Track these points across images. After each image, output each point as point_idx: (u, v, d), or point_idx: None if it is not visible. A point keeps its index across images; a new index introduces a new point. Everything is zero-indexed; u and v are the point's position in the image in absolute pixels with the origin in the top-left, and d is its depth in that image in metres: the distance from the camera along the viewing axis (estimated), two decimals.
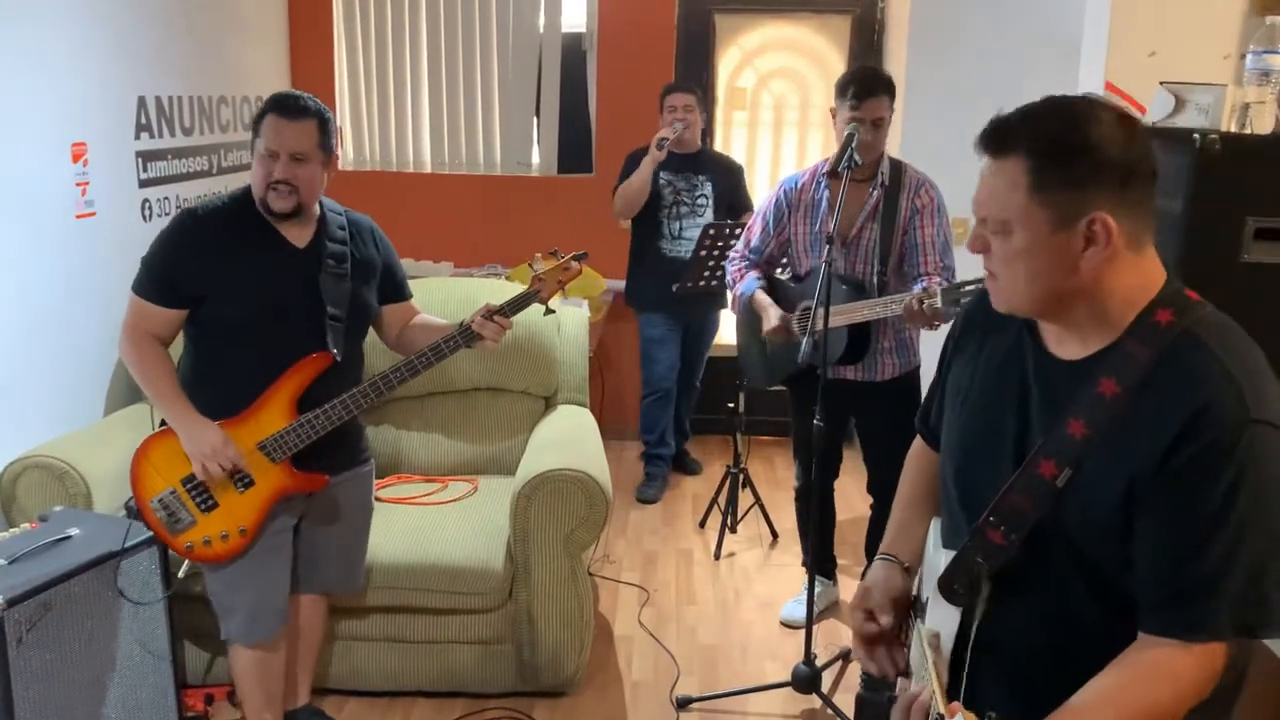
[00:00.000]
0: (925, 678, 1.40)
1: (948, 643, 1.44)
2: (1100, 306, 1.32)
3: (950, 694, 1.40)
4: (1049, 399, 1.37)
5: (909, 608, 1.61)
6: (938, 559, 1.52)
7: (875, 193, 3.18)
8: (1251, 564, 1.23)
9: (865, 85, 3.09)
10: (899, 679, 1.60)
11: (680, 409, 4.89)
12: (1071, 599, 1.36)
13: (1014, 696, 1.41)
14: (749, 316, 3.47)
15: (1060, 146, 1.26)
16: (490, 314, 2.58)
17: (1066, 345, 1.37)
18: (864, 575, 1.63)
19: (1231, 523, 1.22)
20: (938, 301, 2.81)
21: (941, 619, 1.45)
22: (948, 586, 1.43)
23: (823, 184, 3.27)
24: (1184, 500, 1.24)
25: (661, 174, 4.46)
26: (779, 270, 3.47)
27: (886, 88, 3.12)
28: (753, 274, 3.41)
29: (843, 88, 3.13)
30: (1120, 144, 1.26)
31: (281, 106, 2.42)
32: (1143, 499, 1.26)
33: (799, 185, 3.32)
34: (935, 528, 1.61)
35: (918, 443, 1.75)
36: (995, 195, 1.30)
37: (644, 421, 4.80)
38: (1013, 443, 1.41)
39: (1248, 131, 2.25)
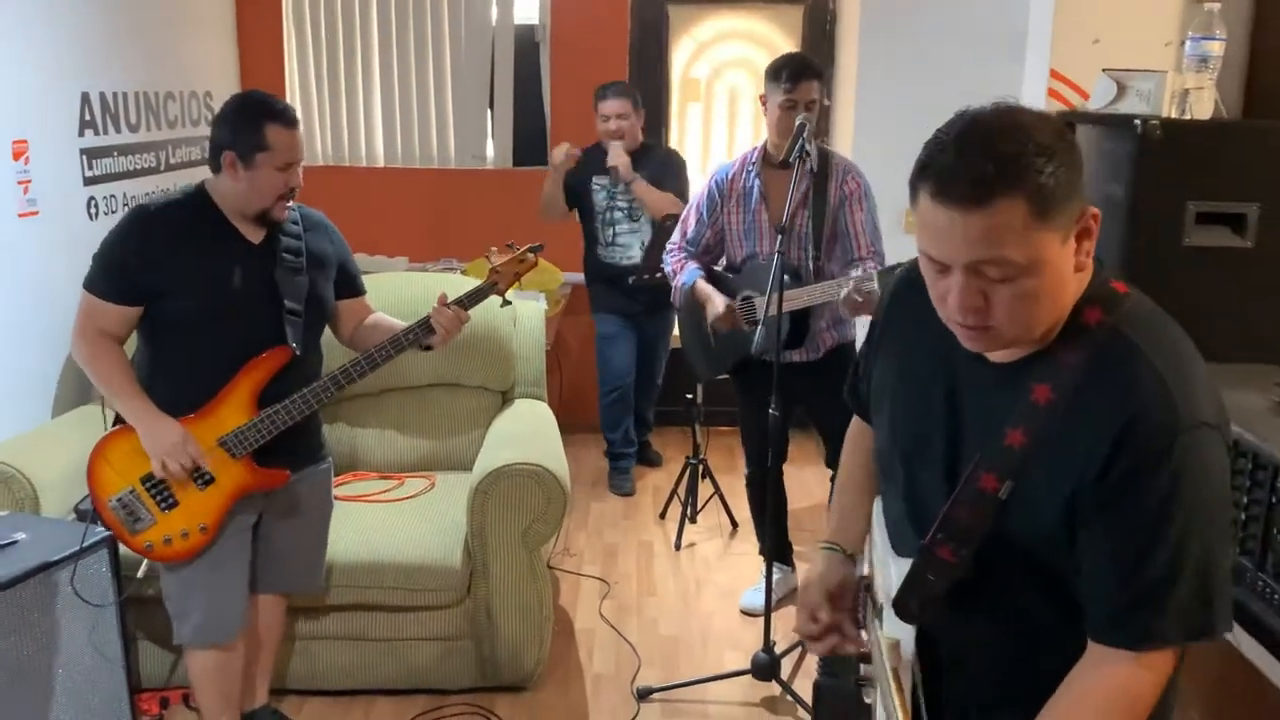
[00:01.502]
0: (887, 691, 1.39)
1: (908, 650, 1.43)
2: None
3: (915, 706, 1.40)
4: (981, 405, 1.36)
5: (855, 593, 1.61)
6: (889, 563, 1.50)
7: (805, 181, 3.20)
8: (1197, 570, 1.23)
9: (798, 69, 3.17)
10: (861, 664, 1.60)
11: (641, 405, 4.88)
12: (1028, 606, 1.36)
13: (987, 702, 1.43)
14: (691, 308, 3.48)
15: (1044, 168, 1.17)
16: (446, 304, 2.58)
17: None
18: None
19: (1173, 531, 1.22)
20: (874, 285, 2.85)
21: (900, 627, 1.44)
22: (903, 607, 1.41)
23: (752, 173, 3.31)
24: (1125, 513, 1.23)
25: (595, 180, 4.41)
26: (713, 258, 3.49)
27: (817, 73, 3.20)
28: (692, 265, 3.42)
29: (775, 73, 3.19)
30: (1064, 138, 1.23)
31: (280, 115, 2.39)
32: (1083, 511, 1.26)
33: (729, 175, 3.36)
34: (879, 509, 1.61)
35: (855, 423, 1.73)
36: (993, 240, 1.18)
37: (605, 420, 4.78)
38: (943, 441, 1.39)
39: (1188, 117, 2.29)
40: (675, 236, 3.53)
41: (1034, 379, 1.28)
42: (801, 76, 3.14)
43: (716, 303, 3.27)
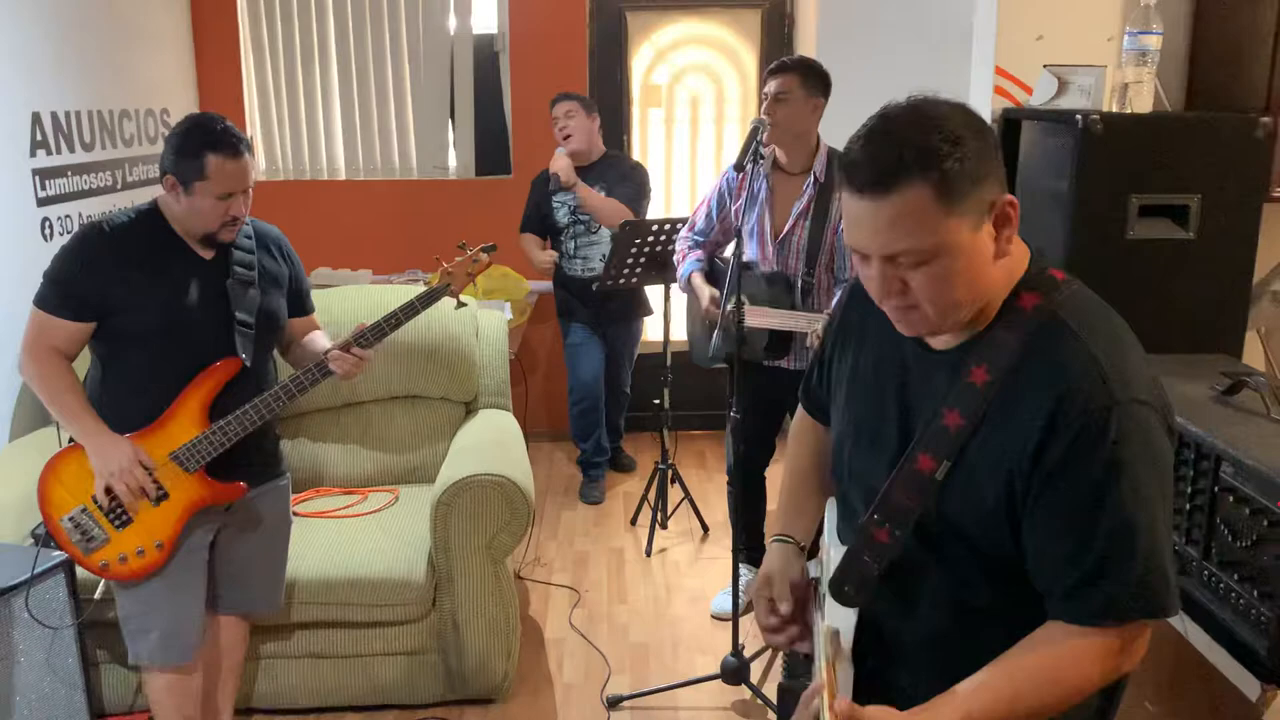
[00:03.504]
0: (819, 675, 1.40)
1: (847, 638, 1.44)
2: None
3: (855, 687, 1.41)
4: (925, 389, 1.38)
5: (809, 588, 1.61)
6: (831, 553, 1.52)
7: (809, 190, 3.20)
8: (1144, 545, 1.24)
9: (774, 65, 3.18)
10: (808, 660, 1.61)
11: (611, 413, 4.87)
12: (965, 586, 1.37)
13: (922, 684, 1.43)
14: (691, 297, 3.52)
15: (950, 155, 1.21)
16: (347, 345, 2.53)
17: (940, 336, 1.37)
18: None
19: (1118, 508, 1.23)
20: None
21: (840, 615, 1.45)
22: (839, 589, 1.43)
23: (761, 173, 3.30)
24: (1067, 492, 1.25)
25: (555, 199, 4.43)
26: (723, 250, 3.51)
27: (795, 68, 3.17)
28: (694, 255, 3.47)
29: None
30: (975, 127, 1.26)
31: (221, 145, 2.34)
32: (1025, 493, 1.27)
33: (743, 174, 3.32)
34: (831, 509, 1.61)
35: (800, 416, 1.74)
36: (900, 230, 1.23)
37: (576, 430, 4.76)
38: (895, 428, 1.42)
39: (1128, 111, 2.31)
40: (685, 228, 3.56)
41: (972, 361, 1.31)
42: (773, 71, 3.16)
43: (704, 297, 3.32)
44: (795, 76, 3.14)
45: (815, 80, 3.17)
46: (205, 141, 2.35)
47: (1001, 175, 1.28)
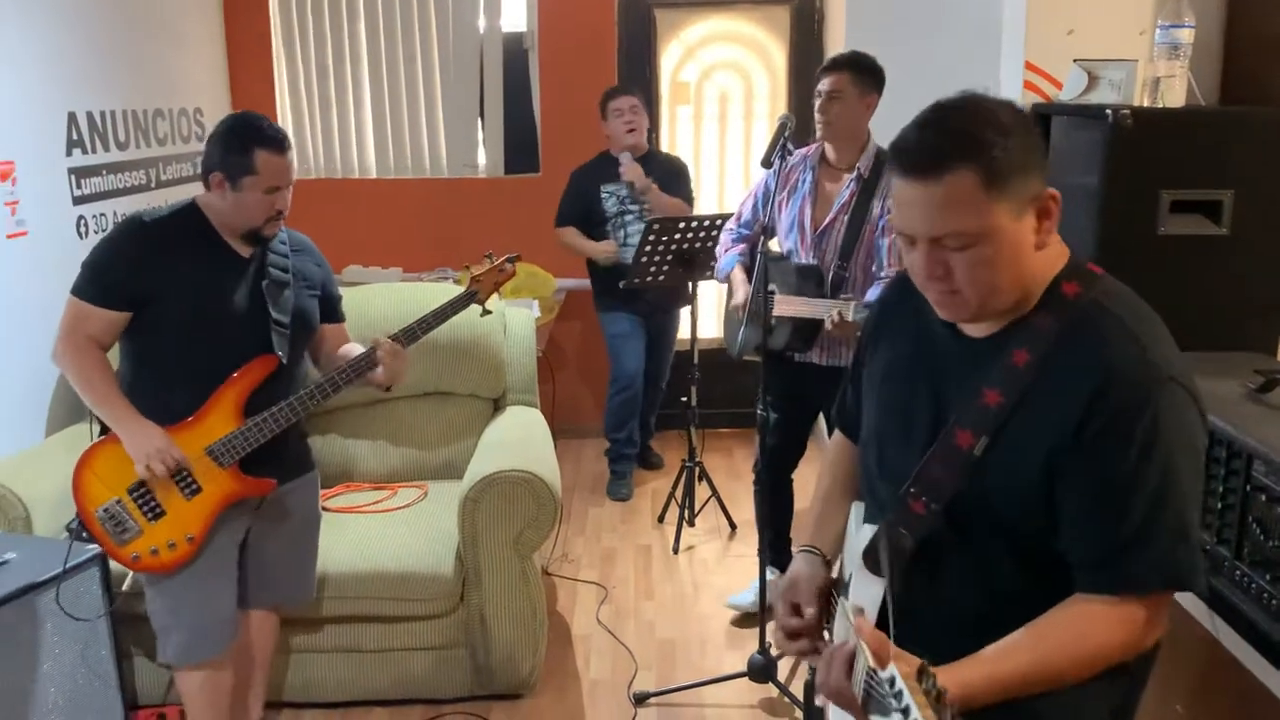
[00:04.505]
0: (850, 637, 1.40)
1: (871, 615, 1.45)
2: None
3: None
4: (962, 374, 1.40)
5: (830, 597, 1.62)
6: (859, 537, 1.53)
7: (851, 186, 3.18)
8: (1173, 519, 1.27)
9: (825, 63, 3.19)
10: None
11: (644, 409, 4.87)
12: (993, 566, 1.38)
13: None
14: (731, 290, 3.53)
15: (997, 144, 1.27)
16: (392, 339, 2.57)
17: (978, 325, 1.40)
18: None
19: (1150, 480, 1.26)
20: (849, 314, 2.84)
21: (864, 594, 1.47)
22: (871, 557, 1.45)
23: (808, 166, 3.29)
24: (1103, 463, 1.28)
25: (604, 188, 4.45)
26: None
27: (847, 65, 3.15)
28: (736, 249, 3.47)
29: None
30: (1023, 122, 1.32)
31: (270, 141, 2.42)
32: (1062, 465, 1.30)
33: (788, 167, 3.30)
34: (854, 513, 1.62)
35: (836, 436, 1.76)
36: (948, 213, 1.28)
37: (611, 420, 4.75)
38: (928, 417, 1.44)
39: (1160, 105, 2.28)
40: (731, 220, 3.57)
41: (1013, 345, 1.35)
42: (825, 69, 3.16)
43: (737, 297, 3.33)
44: (847, 74, 3.12)
45: (867, 77, 3.14)
46: (253, 138, 2.42)
47: (1045, 171, 1.32)
